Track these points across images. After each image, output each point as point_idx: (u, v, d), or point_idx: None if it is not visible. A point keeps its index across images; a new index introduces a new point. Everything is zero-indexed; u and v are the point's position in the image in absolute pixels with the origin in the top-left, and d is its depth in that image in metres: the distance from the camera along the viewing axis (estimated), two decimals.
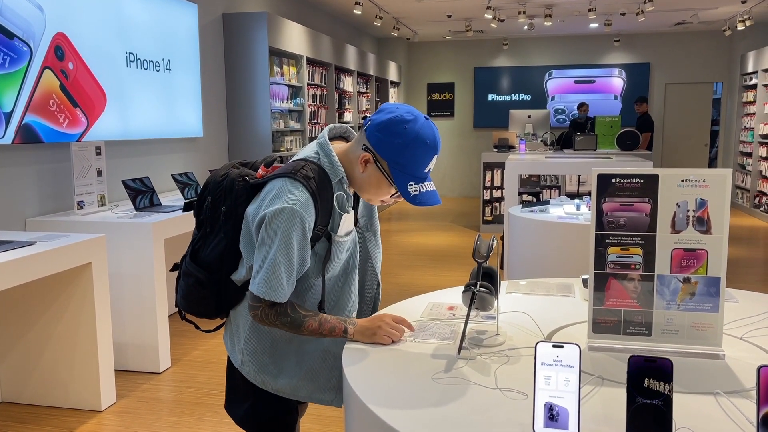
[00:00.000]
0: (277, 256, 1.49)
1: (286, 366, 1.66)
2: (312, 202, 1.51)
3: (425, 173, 1.55)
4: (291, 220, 1.48)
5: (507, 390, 1.30)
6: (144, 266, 3.68)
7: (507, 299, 1.95)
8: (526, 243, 4.04)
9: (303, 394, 1.67)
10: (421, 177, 1.55)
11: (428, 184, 1.57)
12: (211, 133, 5.95)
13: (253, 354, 1.66)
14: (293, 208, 1.48)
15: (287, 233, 1.48)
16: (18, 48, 3.57)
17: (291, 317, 1.53)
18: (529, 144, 8.31)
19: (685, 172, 1.46)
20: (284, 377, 1.65)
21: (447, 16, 9.68)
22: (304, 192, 1.51)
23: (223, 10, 6.11)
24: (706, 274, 1.47)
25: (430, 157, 1.54)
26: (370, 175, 1.57)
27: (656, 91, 11.80)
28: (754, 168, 9.78)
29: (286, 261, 1.50)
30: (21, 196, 3.77)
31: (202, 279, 1.66)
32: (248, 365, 1.67)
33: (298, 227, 1.49)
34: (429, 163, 1.55)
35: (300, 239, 1.50)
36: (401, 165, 1.52)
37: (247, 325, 1.66)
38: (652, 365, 1.07)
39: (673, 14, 9.68)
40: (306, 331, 1.54)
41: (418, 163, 1.53)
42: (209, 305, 1.69)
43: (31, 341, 3.33)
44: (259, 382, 1.66)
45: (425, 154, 1.53)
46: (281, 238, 1.48)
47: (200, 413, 3.26)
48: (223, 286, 1.67)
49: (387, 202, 1.63)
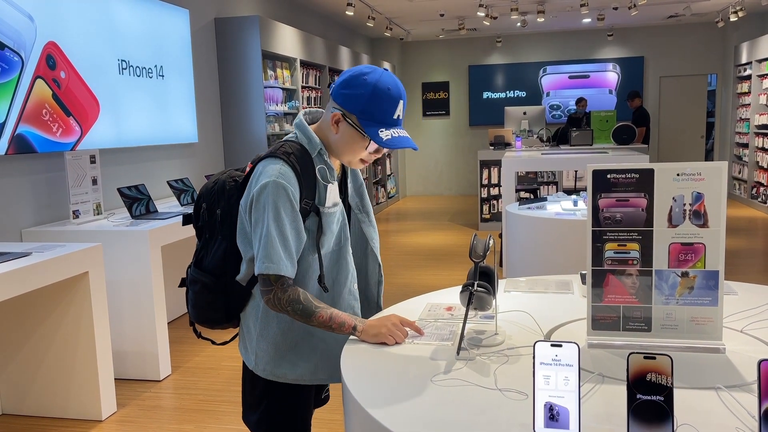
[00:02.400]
0: (271, 229, 1.54)
1: (301, 352, 1.68)
2: (294, 175, 1.57)
3: (394, 120, 1.59)
4: (276, 191, 1.54)
5: (507, 390, 1.29)
6: (142, 273, 3.66)
7: (506, 298, 1.94)
8: (524, 240, 4.03)
9: (323, 375, 1.70)
10: (391, 123, 1.59)
11: (400, 130, 1.61)
12: (206, 139, 5.94)
13: (267, 349, 1.68)
14: (276, 180, 1.55)
15: (275, 205, 1.54)
16: (9, 58, 3.56)
17: (303, 306, 1.56)
18: (525, 141, 8.30)
19: (680, 166, 1.45)
20: (302, 363, 1.68)
21: (440, 15, 9.67)
22: (285, 166, 1.57)
23: (214, 15, 6.10)
24: (704, 267, 1.47)
25: (395, 102, 1.58)
26: (343, 134, 1.61)
27: (651, 84, 11.80)
28: (751, 159, 9.78)
29: (280, 232, 1.54)
30: (16, 206, 3.75)
31: (207, 283, 1.70)
32: (263, 363, 1.69)
33: (284, 197, 1.54)
34: (396, 109, 1.59)
35: (289, 210, 1.55)
36: (369, 113, 1.57)
37: (257, 323, 1.69)
38: (652, 362, 1.06)
39: (666, 7, 9.68)
40: (316, 321, 1.57)
41: (385, 110, 1.58)
42: (219, 310, 1.72)
43: (30, 352, 3.32)
44: (277, 377, 1.68)
45: (390, 100, 1.57)
46: (271, 211, 1.54)
47: (202, 420, 3.25)
48: (230, 289, 1.71)
49: (367, 161, 1.66)
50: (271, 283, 1.55)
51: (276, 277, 1.55)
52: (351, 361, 1.48)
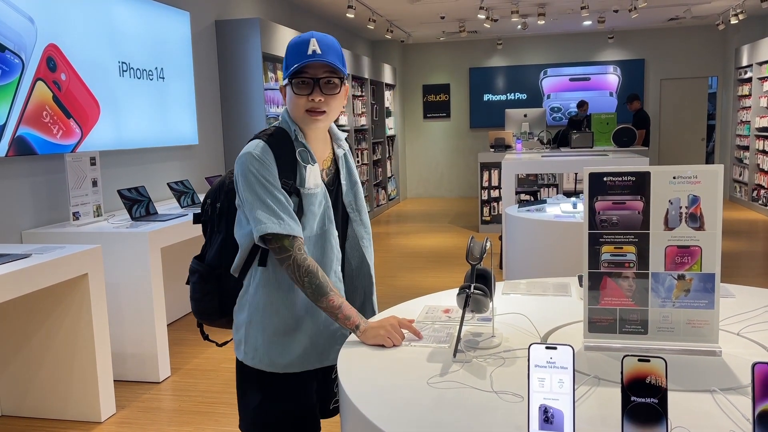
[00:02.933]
0: (259, 193, 1.60)
1: (290, 336, 1.70)
2: (269, 149, 1.64)
3: (309, 55, 1.62)
4: (251, 161, 1.62)
5: (502, 392, 1.29)
6: (141, 275, 3.67)
7: (503, 300, 1.94)
8: (523, 243, 4.03)
9: (313, 359, 1.72)
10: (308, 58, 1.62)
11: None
12: (207, 141, 5.95)
13: (256, 336, 1.70)
14: (249, 152, 1.63)
15: (254, 172, 1.61)
16: (9, 60, 3.57)
17: (320, 282, 1.59)
18: (526, 143, 8.30)
19: (676, 169, 1.45)
20: (291, 349, 1.70)
21: (440, 18, 9.68)
22: (260, 142, 1.65)
23: (215, 17, 6.11)
24: (700, 270, 1.47)
25: (305, 42, 1.64)
26: (288, 97, 1.69)
27: (651, 86, 11.80)
28: (752, 161, 9.78)
29: (269, 193, 1.60)
30: (16, 208, 3.76)
31: (203, 273, 1.77)
32: (252, 350, 1.71)
33: (261, 166, 1.61)
34: (306, 47, 1.63)
35: (270, 177, 1.61)
36: (288, 65, 1.66)
37: (246, 312, 1.72)
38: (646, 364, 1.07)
39: (666, 10, 9.68)
40: (325, 303, 1.60)
41: (295, 52, 1.64)
42: (213, 300, 1.77)
43: (29, 354, 3.32)
44: (267, 365, 1.70)
45: (298, 42, 1.65)
46: (253, 178, 1.61)
47: (201, 422, 3.25)
48: (224, 280, 1.76)
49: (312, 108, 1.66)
50: (286, 248, 1.59)
51: (287, 239, 1.59)
52: (348, 362, 1.48)
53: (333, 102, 1.68)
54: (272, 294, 1.69)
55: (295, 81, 1.65)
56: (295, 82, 1.65)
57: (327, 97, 1.67)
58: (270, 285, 1.69)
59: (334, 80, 1.67)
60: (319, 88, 1.65)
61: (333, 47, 1.67)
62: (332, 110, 1.70)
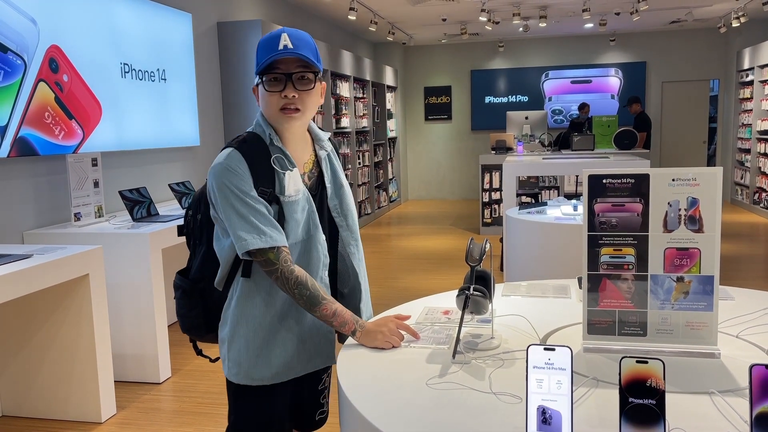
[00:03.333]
0: (237, 207, 1.54)
1: (274, 346, 1.65)
2: (242, 158, 1.57)
3: (281, 50, 1.56)
4: (223, 173, 1.55)
5: (501, 394, 1.29)
6: (142, 276, 3.67)
7: (503, 302, 1.94)
8: (524, 245, 4.03)
9: (299, 367, 1.68)
10: (279, 53, 1.56)
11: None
12: (208, 142, 5.96)
13: (240, 350, 1.65)
14: (220, 163, 1.57)
15: (229, 185, 1.54)
16: (12, 61, 3.58)
17: (311, 293, 1.55)
18: (527, 145, 8.31)
19: (675, 171, 1.46)
20: (277, 359, 1.65)
21: (442, 20, 9.69)
22: (233, 151, 1.58)
23: (217, 19, 6.12)
24: (699, 272, 1.47)
25: (273, 38, 1.57)
26: (260, 96, 1.62)
27: (653, 89, 11.81)
28: (753, 164, 9.78)
29: (247, 206, 1.54)
30: (18, 208, 3.77)
31: (186, 288, 1.71)
32: (236, 366, 1.66)
33: (234, 176, 1.54)
34: (277, 42, 1.56)
35: (245, 187, 1.55)
36: (258, 64, 1.58)
37: (229, 327, 1.66)
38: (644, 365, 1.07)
39: (668, 13, 9.69)
40: (319, 313, 1.56)
41: (265, 48, 1.57)
42: (198, 317, 1.71)
43: (30, 354, 3.33)
44: (254, 379, 1.65)
45: (268, 39, 1.58)
46: (228, 192, 1.54)
47: (201, 423, 3.25)
48: (207, 294, 1.70)
49: (286, 106, 1.59)
50: (272, 261, 1.54)
51: (272, 252, 1.53)
52: (347, 363, 1.49)
53: (307, 99, 1.60)
54: (255, 305, 1.64)
55: (267, 77, 1.58)
56: (267, 79, 1.58)
57: (301, 93, 1.59)
58: (252, 296, 1.64)
59: (308, 75, 1.59)
60: (292, 83, 1.57)
61: (306, 41, 1.60)
62: (307, 108, 1.61)
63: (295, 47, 1.56)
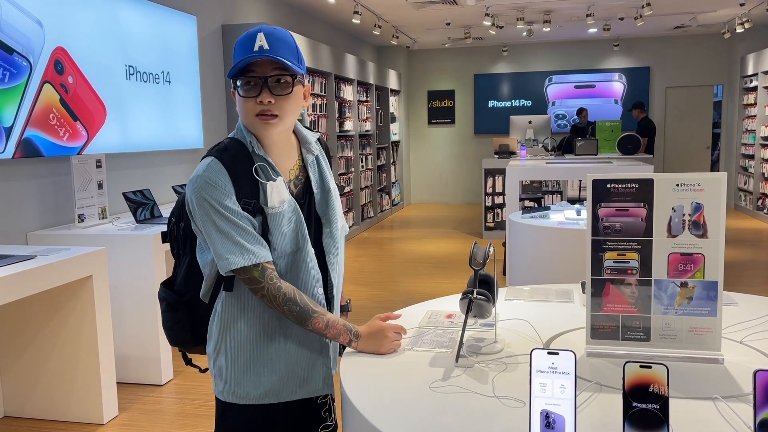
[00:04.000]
0: (218, 223, 1.45)
1: (262, 363, 1.56)
2: (223, 168, 1.46)
3: (256, 52, 1.45)
4: (204, 187, 1.45)
5: (504, 398, 1.29)
6: (145, 278, 3.68)
7: (506, 306, 1.94)
8: (527, 249, 4.03)
9: (289, 391, 1.57)
10: (254, 55, 1.45)
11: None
12: (212, 144, 5.96)
13: (227, 365, 1.56)
14: (200, 175, 1.46)
15: (208, 200, 1.45)
16: (17, 63, 3.59)
17: (300, 308, 1.48)
18: (530, 150, 8.31)
19: (679, 177, 1.46)
20: (265, 378, 1.55)
21: (446, 24, 9.70)
22: (213, 161, 1.48)
23: (222, 22, 6.14)
24: (703, 278, 1.47)
25: (251, 38, 1.46)
26: (237, 101, 1.51)
27: (657, 94, 11.80)
28: (757, 170, 9.76)
29: (228, 222, 1.45)
30: (22, 209, 3.78)
31: (170, 301, 1.62)
32: (223, 384, 1.57)
33: (213, 190, 1.45)
34: (253, 42, 1.46)
35: (225, 200, 1.45)
36: (234, 66, 1.47)
37: (215, 340, 1.58)
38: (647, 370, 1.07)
39: (672, 18, 9.69)
40: (311, 326, 1.50)
41: (243, 48, 1.47)
42: (184, 330, 1.63)
43: (33, 355, 3.33)
44: (240, 397, 1.56)
45: (245, 40, 1.48)
46: (209, 207, 1.45)
47: (203, 425, 3.25)
48: (194, 306, 1.62)
49: (262, 112, 1.48)
50: (257, 279, 1.46)
51: (256, 270, 1.46)
52: (350, 367, 1.49)
53: (285, 104, 1.49)
54: (237, 320, 1.55)
55: (241, 82, 1.47)
56: (241, 83, 1.47)
57: (277, 98, 1.47)
58: (234, 310, 1.55)
59: (285, 78, 1.48)
60: (268, 88, 1.46)
61: (284, 41, 1.48)
62: (286, 113, 1.50)
63: (272, 48, 1.45)
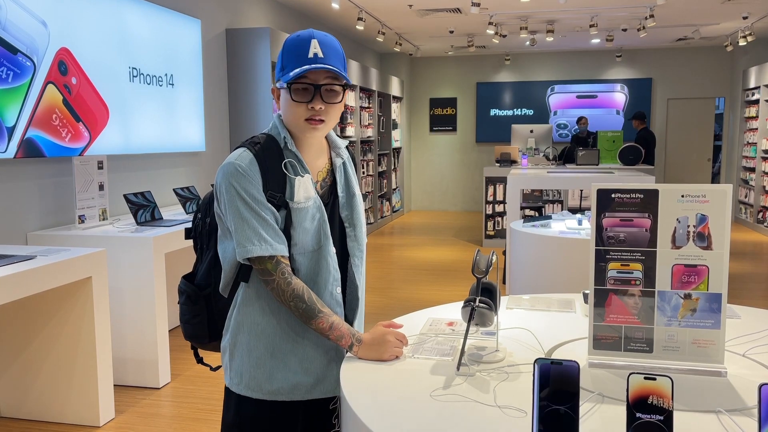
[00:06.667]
0: (241, 211, 1.50)
1: (278, 360, 1.58)
2: (254, 159, 1.53)
3: (311, 59, 1.51)
4: (234, 174, 1.51)
5: (506, 407, 1.28)
6: (144, 281, 3.67)
7: (507, 315, 1.93)
8: (527, 258, 4.02)
9: (303, 390, 1.60)
10: (308, 62, 1.51)
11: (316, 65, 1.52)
12: (214, 148, 5.97)
13: (242, 360, 1.59)
14: (231, 162, 1.52)
15: (236, 187, 1.50)
16: (21, 63, 3.59)
17: (307, 306, 1.51)
18: (532, 158, 8.31)
19: (685, 188, 1.45)
20: (279, 374, 1.58)
21: (449, 32, 9.72)
22: (245, 152, 1.54)
23: (226, 26, 6.15)
24: (707, 290, 1.46)
25: (305, 43, 1.52)
26: (282, 104, 1.57)
27: (658, 106, 11.82)
28: (758, 183, 9.76)
29: (251, 211, 1.50)
30: (22, 209, 3.77)
31: (190, 293, 1.66)
32: (238, 377, 1.60)
33: (243, 178, 1.50)
34: (307, 48, 1.52)
35: (252, 190, 1.50)
36: (284, 68, 1.54)
37: (230, 333, 1.62)
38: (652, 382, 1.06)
39: (675, 30, 9.71)
40: (315, 326, 1.52)
41: (294, 53, 1.53)
42: (201, 323, 1.66)
43: (30, 356, 3.32)
44: (253, 391, 1.58)
45: (297, 43, 1.53)
46: (234, 193, 1.50)
47: (199, 429, 3.24)
48: (212, 300, 1.66)
49: (312, 117, 1.54)
50: (269, 271, 1.50)
51: (270, 261, 1.50)
52: (350, 374, 1.48)
53: (333, 110, 1.56)
54: (255, 313, 1.58)
55: (294, 87, 1.52)
56: (294, 88, 1.52)
57: (327, 105, 1.54)
58: (252, 303, 1.58)
59: (337, 87, 1.55)
60: (320, 95, 1.53)
61: (335, 50, 1.55)
62: (331, 119, 1.57)
63: (326, 57, 1.52)
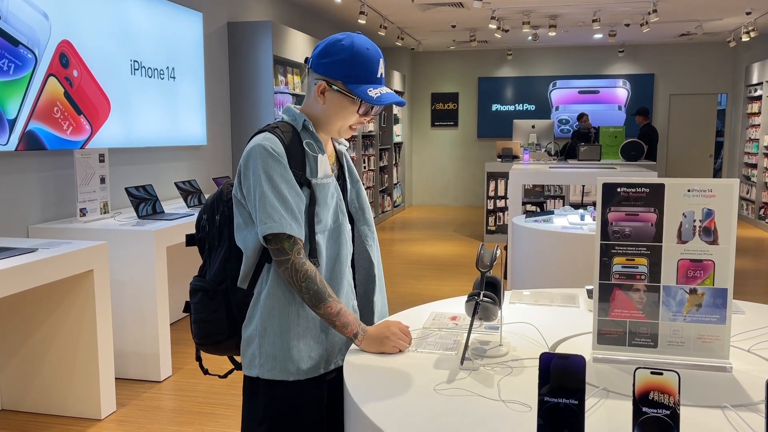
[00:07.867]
0: (265, 190, 1.54)
1: (313, 338, 1.62)
2: (280, 143, 1.58)
3: (378, 78, 1.62)
4: (262, 154, 1.55)
5: (510, 402, 1.27)
6: (146, 274, 3.66)
7: (511, 309, 1.93)
8: (530, 253, 4.01)
9: (333, 358, 1.66)
10: (377, 82, 1.62)
11: (385, 89, 1.63)
12: (215, 142, 5.96)
13: (274, 344, 1.60)
14: (260, 143, 1.56)
15: (264, 167, 1.54)
16: (23, 55, 3.58)
17: (317, 288, 1.53)
18: (533, 154, 8.29)
19: (691, 182, 1.44)
20: (316, 349, 1.62)
21: (451, 26, 9.69)
22: (269, 134, 1.59)
23: (227, 19, 6.13)
24: (712, 285, 1.45)
25: (376, 61, 1.62)
26: (331, 102, 1.63)
27: (660, 101, 11.79)
28: (759, 179, 9.75)
29: (276, 191, 1.54)
30: (24, 202, 3.76)
31: (207, 289, 1.65)
32: (271, 361, 1.60)
33: (271, 158, 1.55)
34: (378, 67, 1.62)
35: (280, 169, 1.55)
36: (354, 76, 1.59)
37: (257, 320, 1.61)
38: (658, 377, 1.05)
39: (678, 25, 9.68)
40: (322, 310, 1.54)
41: (369, 69, 1.60)
42: (220, 320, 1.65)
43: (32, 349, 3.32)
44: (289, 374, 1.60)
45: (371, 58, 1.61)
46: (261, 173, 1.54)
47: (201, 422, 3.24)
48: (231, 295, 1.65)
49: (356, 126, 1.68)
50: (286, 250, 1.53)
51: (288, 241, 1.53)
52: (353, 367, 1.47)
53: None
54: (288, 294, 1.60)
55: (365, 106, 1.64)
56: (365, 109, 1.64)
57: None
58: (281, 284, 1.60)
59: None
60: (371, 114, 1.67)
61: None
62: None
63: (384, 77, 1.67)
